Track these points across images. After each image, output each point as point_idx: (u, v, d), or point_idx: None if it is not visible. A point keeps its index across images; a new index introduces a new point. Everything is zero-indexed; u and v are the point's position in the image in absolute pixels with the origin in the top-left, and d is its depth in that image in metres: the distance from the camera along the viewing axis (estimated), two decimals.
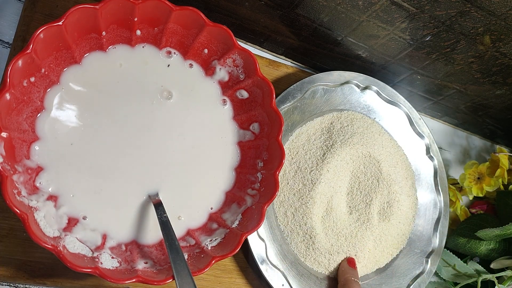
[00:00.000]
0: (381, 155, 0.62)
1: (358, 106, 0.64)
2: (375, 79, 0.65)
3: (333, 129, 0.61)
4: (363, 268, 0.59)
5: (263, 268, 0.54)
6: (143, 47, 0.49)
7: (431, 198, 0.66)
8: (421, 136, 0.67)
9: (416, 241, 0.64)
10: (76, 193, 0.45)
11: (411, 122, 0.66)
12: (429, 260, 0.63)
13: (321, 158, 0.58)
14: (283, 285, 0.55)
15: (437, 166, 0.67)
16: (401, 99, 0.66)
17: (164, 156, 0.49)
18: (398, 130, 0.66)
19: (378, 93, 0.65)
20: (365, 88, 0.64)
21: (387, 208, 0.61)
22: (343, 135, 0.60)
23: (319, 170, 0.58)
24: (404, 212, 0.63)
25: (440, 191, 0.66)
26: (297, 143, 0.59)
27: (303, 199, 0.57)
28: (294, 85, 0.60)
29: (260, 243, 0.55)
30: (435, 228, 0.65)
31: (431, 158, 0.67)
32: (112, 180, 0.46)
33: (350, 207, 0.60)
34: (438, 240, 0.65)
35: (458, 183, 0.73)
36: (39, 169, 0.43)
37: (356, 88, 0.64)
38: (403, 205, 0.63)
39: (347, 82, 0.63)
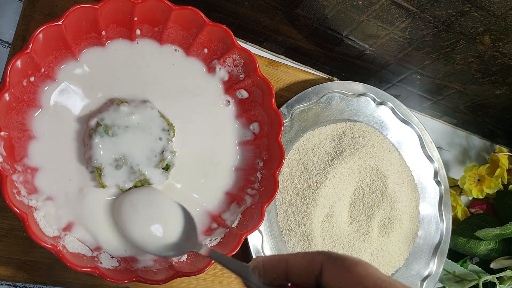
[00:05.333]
0: (388, 171, 0.62)
1: (372, 120, 0.64)
2: (392, 96, 0.65)
3: (344, 137, 0.61)
4: None
5: None
6: (142, 43, 0.49)
7: (433, 222, 0.66)
8: (430, 159, 0.66)
9: (413, 262, 0.63)
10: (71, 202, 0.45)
11: (422, 144, 0.66)
12: (424, 284, 0.63)
13: (328, 163, 0.59)
14: None
15: (443, 192, 0.66)
16: (415, 119, 0.66)
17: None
18: (408, 150, 0.66)
19: (393, 110, 0.65)
20: (381, 103, 0.64)
21: (388, 224, 0.61)
22: (353, 145, 0.61)
23: (325, 174, 0.58)
24: (405, 231, 0.63)
25: (444, 217, 0.66)
26: (307, 145, 0.59)
27: (305, 199, 0.57)
28: (312, 87, 0.60)
29: (257, 234, 0.55)
30: (434, 253, 0.64)
31: (438, 183, 0.67)
32: None
33: (351, 217, 0.60)
34: (435, 266, 0.64)
35: (458, 185, 0.73)
36: (38, 169, 0.43)
37: (372, 101, 0.64)
38: (404, 224, 0.62)
39: (363, 94, 0.63)
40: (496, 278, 0.65)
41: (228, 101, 0.52)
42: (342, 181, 0.59)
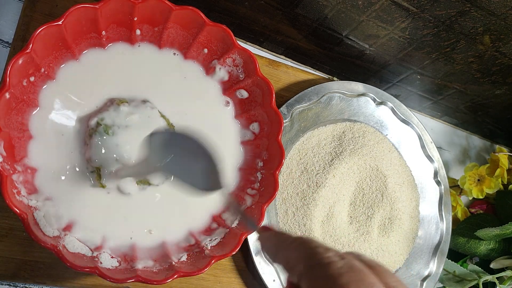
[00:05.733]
0: (388, 171, 0.62)
1: (372, 120, 0.64)
2: (392, 96, 0.65)
3: (344, 137, 0.61)
4: None
5: (256, 260, 0.54)
6: (141, 45, 0.49)
7: (433, 222, 0.66)
8: (430, 159, 0.67)
9: (413, 262, 0.63)
10: (75, 199, 0.45)
11: (422, 144, 0.66)
12: (424, 284, 0.63)
13: (328, 163, 0.59)
14: (274, 280, 0.55)
15: (443, 192, 0.66)
16: (415, 119, 0.66)
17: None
18: (408, 151, 0.66)
19: (393, 110, 0.65)
20: (381, 103, 0.64)
21: (388, 224, 0.61)
22: (353, 145, 0.61)
23: (325, 174, 0.58)
24: (405, 231, 0.63)
25: (444, 217, 0.66)
26: (307, 145, 0.59)
27: (305, 200, 0.57)
28: (312, 87, 0.60)
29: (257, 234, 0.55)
30: (434, 253, 0.64)
31: (438, 183, 0.67)
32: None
33: (351, 217, 0.60)
34: (435, 266, 0.64)
35: (458, 185, 0.73)
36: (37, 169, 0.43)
37: (372, 101, 0.64)
38: (404, 224, 0.62)
39: (363, 94, 0.63)
40: (496, 278, 0.65)
41: (228, 102, 0.52)
42: (342, 181, 0.59)
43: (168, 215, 0.48)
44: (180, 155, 0.41)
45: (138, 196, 0.47)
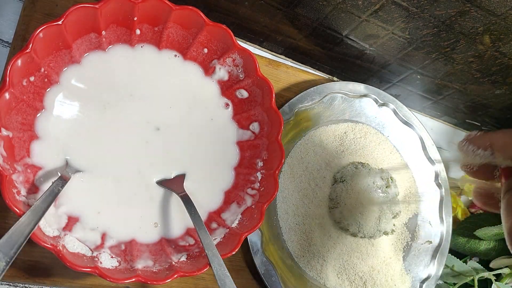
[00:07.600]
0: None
1: (373, 121, 0.64)
2: (394, 98, 0.65)
3: (346, 138, 0.61)
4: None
5: (256, 259, 0.54)
6: (142, 47, 0.49)
7: (433, 225, 0.66)
8: (431, 162, 0.66)
9: (412, 264, 0.63)
10: (76, 191, 0.45)
11: (423, 147, 0.66)
12: (424, 286, 0.62)
13: (329, 162, 0.59)
14: (274, 280, 0.55)
15: (443, 194, 0.66)
16: (416, 121, 0.66)
17: (164, 154, 0.49)
18: (410, 152, 0.65)
19: (395, 112, 0.65)
20: (383, 104, 0.64)
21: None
22: (354, 145, 0.61)
23: (325, 174, 0.58)
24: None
25: (444, 220, 0.65)
26: (308, 144, 0.59)
27: (306, 199, 0.57)
28: (314, 87, 0.60)
29: (257, 234, 0.55)
30: (434, 256, 0.64)
31: (439, 185, 0.66)
32: (111, 179, 0.46)
33: None
34: (435, 269, 0.64)
35: (458, 186, 0.73)
36: (38, 168, 0.43)
37: (374, 103, 0.64)
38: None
39: (366, 95, 0.63)
40: (494, 275, 0.65)
41: (227, 104, 0.52)
42: None
43: (168, 209, 0.48)
44: None
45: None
